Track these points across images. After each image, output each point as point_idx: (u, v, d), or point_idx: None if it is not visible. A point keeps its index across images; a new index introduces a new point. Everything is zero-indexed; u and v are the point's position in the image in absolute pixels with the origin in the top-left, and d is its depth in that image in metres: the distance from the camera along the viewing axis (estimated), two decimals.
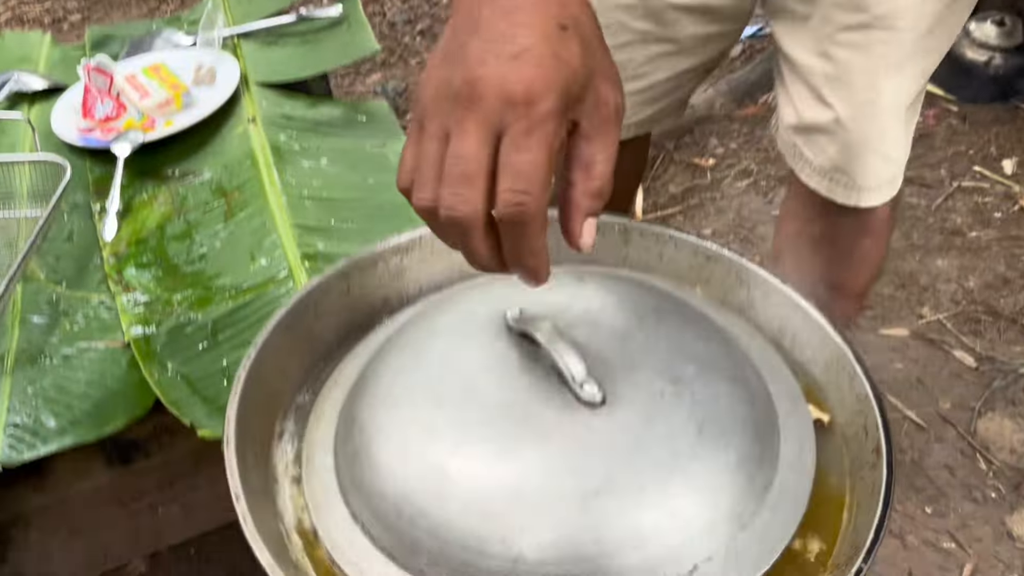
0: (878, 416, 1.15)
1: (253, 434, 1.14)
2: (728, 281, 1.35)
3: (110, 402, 2.13)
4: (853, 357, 1.21)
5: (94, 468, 2.71)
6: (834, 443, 1.21)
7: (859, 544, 1.03)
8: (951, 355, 3.12)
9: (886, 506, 1.05)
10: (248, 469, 1.09)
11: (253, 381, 1.16)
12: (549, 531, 0.99)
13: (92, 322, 2.23)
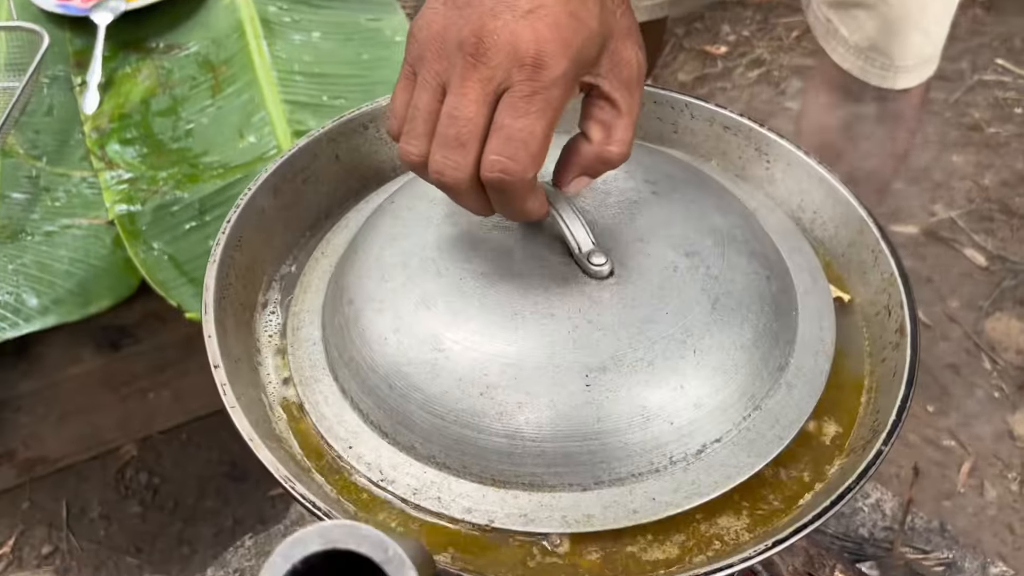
0: (903, 295, 1.07)
1: (234, 303, 1.06)
2: (747, 153, 1.26)
3: (95, 281, 2.07)
4: (879, 234, 1.13)
5: (83, 353, 2.68)
6: (853, 323, 1.14)
7: (878, 427, 0.97)
8: (961, 254, 3.04)
9: (909, 388, 0.99)
10: (228, 339, 1.02)
11: (234, 247, 1.08)
12: (549, 408, 0.93)
13: (74, 199, 2.15)
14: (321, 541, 0.66)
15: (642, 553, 0.92)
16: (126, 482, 2.50)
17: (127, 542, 2.40)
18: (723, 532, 0.94)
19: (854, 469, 0.92)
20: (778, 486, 0.98)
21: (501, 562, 0.91)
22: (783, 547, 0.86)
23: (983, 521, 2.38)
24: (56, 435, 2.54)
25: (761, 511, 0.95)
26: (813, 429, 1.02)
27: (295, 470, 0.93)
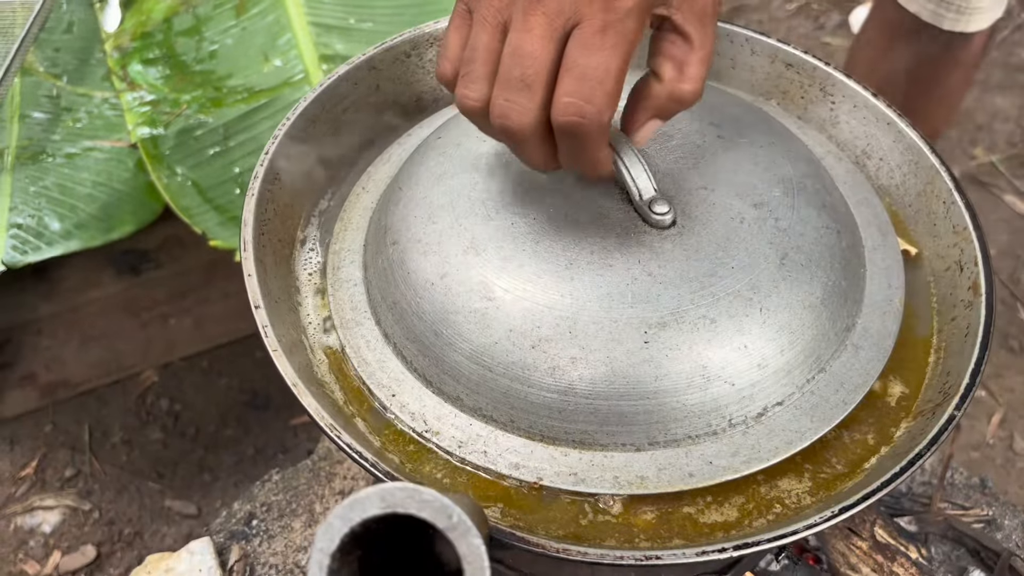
0: (978, 250, 1.02)
1: (272, 240, 1.01)
2: (810, 93, 1.19)
3: (117, 206, 2.02)
4: (952, 183, 1.07)
5: (103, 277, 2.65)
6: (920, 278, 1.08)
7: (949, 390, 0.93)
8: (1001, 200, 2.96)
9: (984, 350, 0.94)
10: (267, 277, 0.97)
11: (272, 181, 1.02)
12: (604, 364, 0.88)
13: (96, 120, 2.09)
14: (381, 504, 0.63)
15: (699, 515, 0.89)
16: (147, 408, 2.49)
17: (149, 467, 2.40)
18: (784, 495, 0.90)
19: (923, 434, 0.87)
20: (841, 449, 0.94)
21: (552, 520, 0.88)
22: (850, 514, 0.82)
23: (1011, 473, 2.35)
24: (77, 359, 2.52)
25: (824, 475, 0.91)
26: (878, 389, 0.98)
27: (339, 418, 0.89)
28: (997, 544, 1.54)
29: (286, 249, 1.06)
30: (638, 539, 0.87)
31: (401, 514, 0.62)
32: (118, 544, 2.25)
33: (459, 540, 0.62)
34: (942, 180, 1.08)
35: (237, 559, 1.58)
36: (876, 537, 1.44)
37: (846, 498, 0.83)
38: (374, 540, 0.68)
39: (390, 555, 0.73)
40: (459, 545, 0.62)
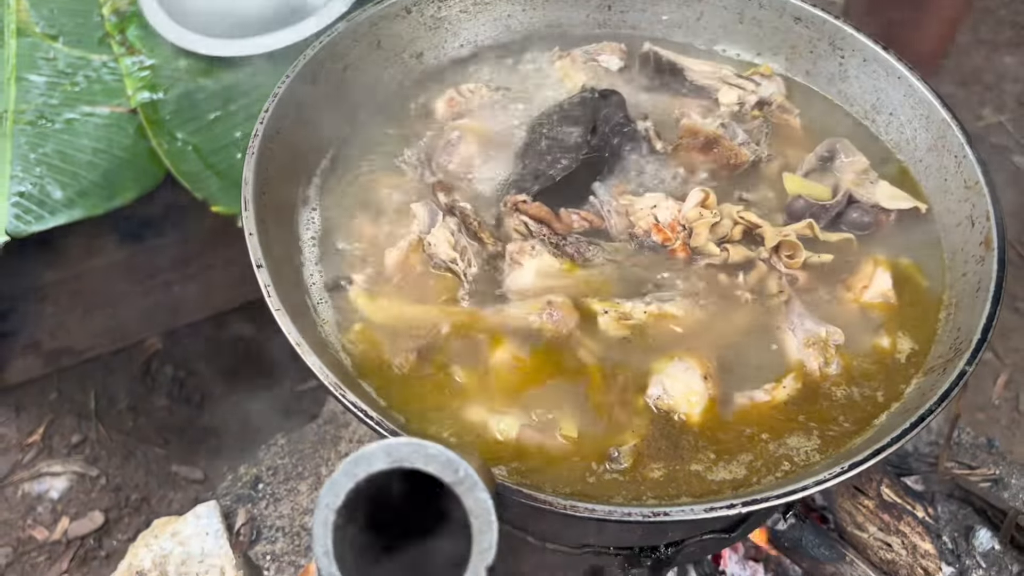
0: (989, 204, 1.00)
1: (273, 199, 1.00)
2: (819, 48, 1.17)
3: (119, 172, 2.00)
4: (963, 137, 1.05)
5: (106, 245, 2.63)
6: (931, 233, 1.07)
7: (960, 346, 0.92)
8: (1009, 160, 2.92)
9: (996, 305, 0.92)
10: (269, 237, 0.96)
11: (272, 139, 1.01)
12: None
13: (95, 84, 2.06)
14: (387, 459, 0.62)
15: (707, 472, 0.88)
16: (152, 375, 2.48)
17: (155, 433, 2.39)
18: (792, 453, 0.89)
19: (934, 390, 0.86)
20: (850, 406, 0.93)
21: (560, 478, 0.87)
22: (860, 470, 0.81)
23: (1017, 433, 2.35)
24: (81, 326, 2.51)
25: (832, 432, 0.91)
26: (887, 346, 0.97)
27: (344, 377, 0.88)
28: (1004, 503, 1.54)
29: (287, 209, 1.05)
30: (645, 496, 0.86)
31: (407, 469, 0.61)
32: (125, 509, 2.26)
33: (466, 494, 0.61)
34: (954, 134, 1.07)
35: (243, 522, 1.58)
36: (883, 496, 1.44)
37: (855, 454, 0.83)
38: (380, 497, 0.67)
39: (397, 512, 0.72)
40: (466, 499, 0.61)
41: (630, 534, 1.03)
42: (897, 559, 1.40)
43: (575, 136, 1.10)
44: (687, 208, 1.05)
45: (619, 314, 0.98)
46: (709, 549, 1.12)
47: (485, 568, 0.61)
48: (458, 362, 0.96)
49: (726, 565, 1.44)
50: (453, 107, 1.18)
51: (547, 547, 1.06)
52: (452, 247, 1.02)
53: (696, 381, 0.92)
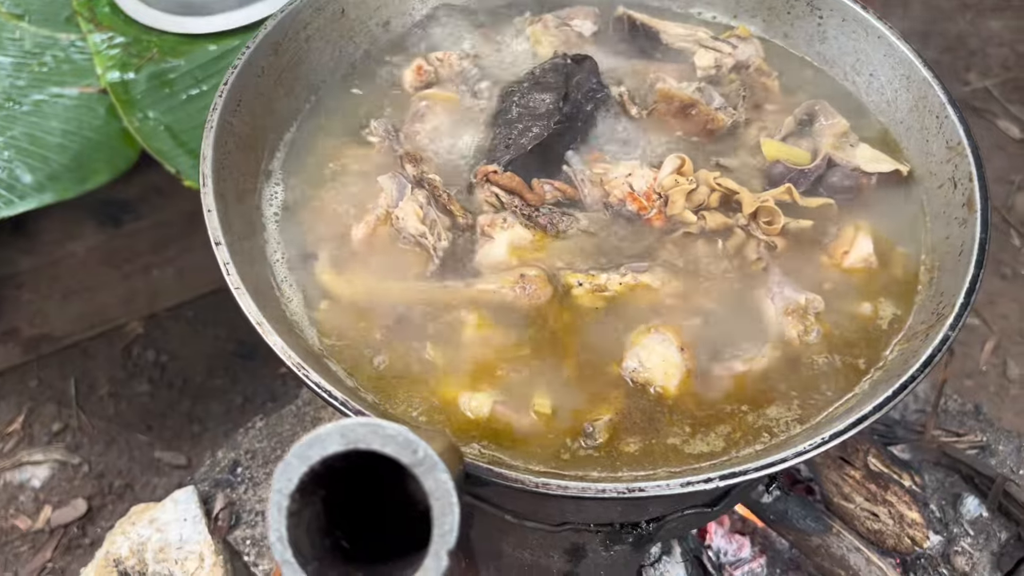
0: (972, 165, 0.98)
1: (234, 173, 0.97)
2: (797, 8, 1.14)
3: (90, 155, 1.95)
4: (945, 97, 1.02)
5: (83, 229, 2.60)
6: (912, 197, 1.04)
7: (943, 311, 0.89)
8: (995, 125, 2.90)
9: (979, 268, 0.90)
10: (230, 213, 0.93)
11: (232, 112, 0.98)
12: None
13: (63, 64, 2.01)
14: (342, 441, 0.59)
15: (684, 445, 0.86)
16: (133, 360, 2.45)
17: (137, 419, 2.37)
18: (772, 424, 0.87)
19: (917, 356, 0.84)
20: (831, 375, 0.90)
21: (533, 455, 0.85)
22: (841, 440, 0.79)
23: (1005, 399, 2.34)
24: (60, 313, 2.48)
25: (813, 401, 0.88)
26: (869, 312, 0.94)
27: (308, 356, 0.85)
28: (991, 470, 1.52)
29: (250, 184, 1.02)
30: (621, 471, 0.84)
31: (363, 450, 0.59)
32: (109, 497, 2.24)
33: (425, 476, 0.58)
34: (935, 94, 1.04)
35: (222, 507, 1.56)
36: (869, 466, 1.42)
37: (837, 424, 0.80)
38: (339, 481, 0.65)
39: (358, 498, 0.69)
40: (425, 481, 0.58)
41: (610, 511, 1.01)
42: (884, 529, 1.39)
43: (547, 103, 1.06)
44: (663, 176, 1.02)
45: (593, 286, 0.96)
46: (691, 524, 1.10)
47: (447, 551, 0.58)
48: (428, 339, 0.93)
49: (712, 540, 1.42)
50: (421, 76, 1.14)
51: (526, 525, 1.04)
52: (421, 220, 0.99)
53: (672, 353, 0.90)
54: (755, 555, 1.42)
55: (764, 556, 1.43)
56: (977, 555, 1.46)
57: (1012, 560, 1.46)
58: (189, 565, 1.46)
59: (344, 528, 0.65)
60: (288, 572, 0.58)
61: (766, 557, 1.43)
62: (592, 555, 1.11)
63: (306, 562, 0.59)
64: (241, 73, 1.01)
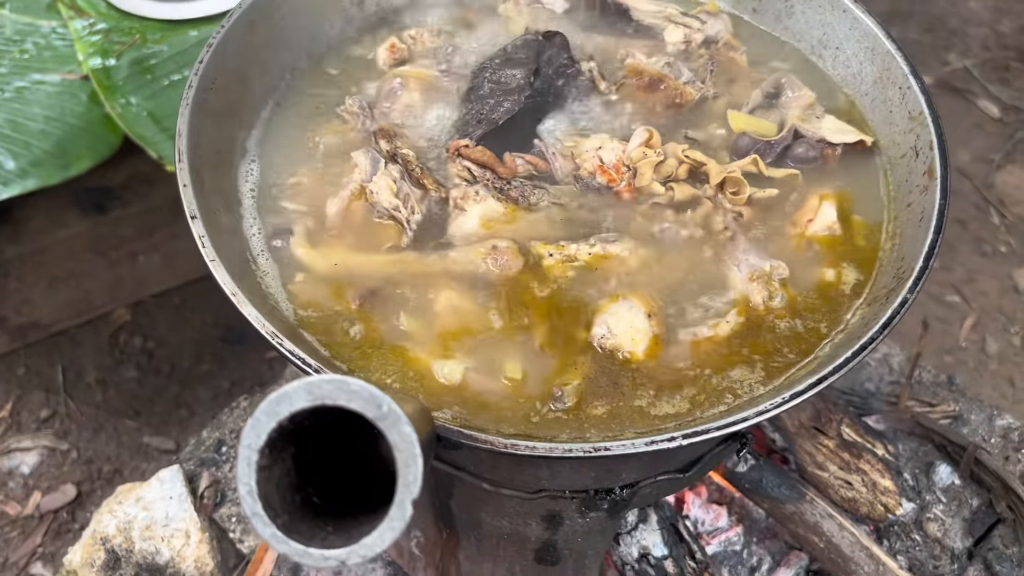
0: (933, 134, 1.00)
1: (210, 151, 0.98)
2: None
3: (73, 141, 1.96)
4: (908, 68, 1.04)
5: (69, 217, 2.60)
6: (875, 167, 1.06)
7: (903, 274, 0.91)
8: (975, 104, 2.93)
9: (938, 233, 0.92)
10: (206, 189, 0.95)
11: (208, 89, 0.99)
12: None
13: (44, 51, 2.02)
14: (308, 397, 0.61)
15: (650, 408, 0.88)
16: (121, 347, 2.46)
17: (125, 406, 2.38)
18: (736, 386, 0.89)
19: (877, 319, 0.86)
20: (794, 339, 0.93)
21: (504, 420, 0.87)
22: (802, 400, 0.81)
23: (984, 375, 2.37)
24: (47, 301, 2.49)
25: (776, 364, 0.90)
26: (832, 278, 0.96)
27: (283, 327, 0.87)
28: (963, 438, 1.55)
29: (226, 161, 1.03)
30: (589, 433, 0.86)
31: (330, 406, 0.61)
32: (98, 482, 2.25)
33: (390, 429, 0.60)
34: (898, 66, 1.06)
35: (207, 485, 1.58)
36: (843, 435, 1.44)
37: (797, 385, 0.82)
38: (309, 439, 0.67)
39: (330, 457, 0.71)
40: (390, 434, 0.60)
41: (583, 477, 1.03)
42: (858, 497, 1.42)
43: (518, 79, 1.08)
44: (631, 148, 1.04)
45: (564, 256, 0.98)
46: (665, 490, 1.12)
47: (411, 501, 0.60)
48: (402, 309, 0.95)
49: (689, 510, 1.45)
50: (395, 54, 1.16)
51: (503, 493, 1.06)
52: (394, 194, 1.00)
53: (640, 319, 0.92)
54: (732, 524, 1.45)
55: (741, 525, 1.46)
56: (949, 521, 1.49)
57: (983, 526, 1.50)
58: (175, 542, 1.48)
59: (315, 485, 0.67)
60: (258, 525, 0.60)
61: (743, 526, 1.46)
62: (569, 522, 1.13)
63: (276, 515, 0.61)
64: (216, 51, 1.02)
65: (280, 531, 0.60)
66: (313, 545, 0.61)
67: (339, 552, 0.60)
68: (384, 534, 0.60)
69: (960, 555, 1.47)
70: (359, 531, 0.61)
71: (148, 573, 1.47)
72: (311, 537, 0.62)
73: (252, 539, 1.51)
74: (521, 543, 1.19)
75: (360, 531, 0.61)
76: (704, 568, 1.34)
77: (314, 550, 0.60)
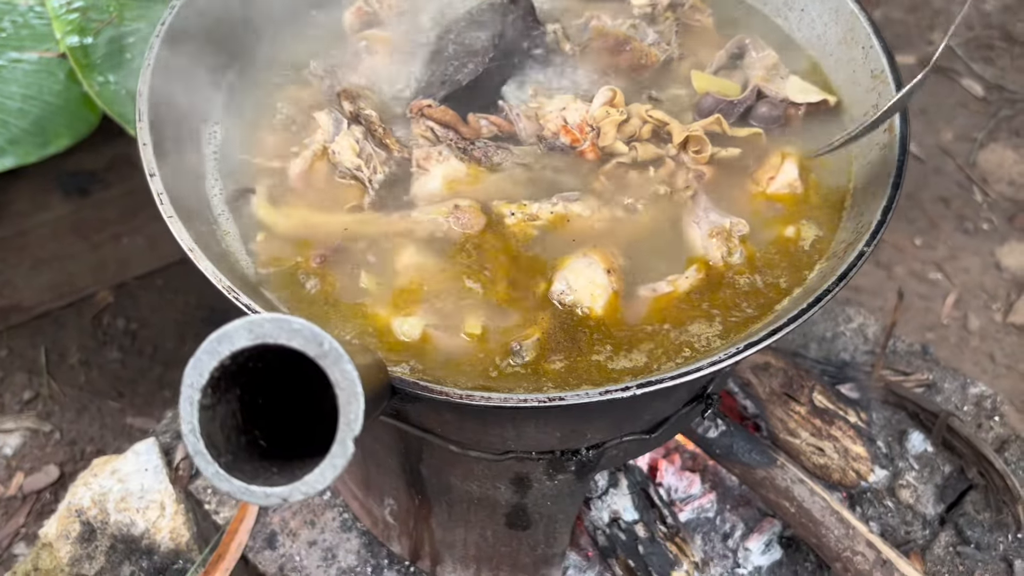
0: (894, 91, 1.00)
1: (172, 113, 0.98)
2: None
3: (51, 119, 1.96)
4: (870, 28, 1.05)
5: (51, 200, 2.60)
6: (839, 126, 1.06)
7: (862, 229, 0.92)
8: (958, 83, 2.93)
9: (897, 187, 0.92)
10: (167, 148, 0.95)
11: (171, 51, 0.99)
12: None
13: (22, 30, 2.01)
14: (249, 336, 0.61)
15: (608, 362, 0.88)
16: (104, 328, 2.46)
17: (108, 387, 2.38)
18: (693, 340, 0.89)
19: (834, 272, 0.86)
20: (753, 294, 0.93)
21: (461, 372, 0.87)
22: (756, 350, 0.81)
23: (965, 351, 2.37)
24: (29, 283, 2.49)
25: (735, 318, 0.91)
26: (792, 235, 0.97)
27: (242, 284, 0.87)
28: (936, 406, 1.56)
29: (189, 123, 1.03)
30: (547, 387, 0.86)
31: (271, 344, 0.61)
32: (81, 463, 2.25)
33: (331, 368, 0.60)
34: (861, 26, 1.06)
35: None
36: (815, 402, 1.45)
37: (754, 335, 0.83)
38: (256, 382, 0.67)
39: (282, 403, 0.72)
40: (332, 373, 0.61)
41: (549, 437, 1.03)
42: (830, 463, 1.42)
43: (482, 41, 1.08)
44: (595, 108, 1.04)
45: (525, 215, 0.98)
46: (631, 452, 1.13)
47: (352, 439, 0.61)
48: (363, 267, 0.95)
49: (663, 477, 1.45)
50: (361, 17, 1.16)
51: (470, 455, 1.06)
52: (357, 155, 1.00)
53: (599, 275, 0.92)
54: (705, 492, 1.46)
55: (714, 493, 1.46)
56: (922, 488, 1.50)
57: (955, 492, 1.50)
58: (150, 514, 1.48)
59: (263, 428, 0.68)
60: (201, 463, 0.61)
61: (716, 494, 1.46)
62: (537, 485, 1.13)
63: (219, 455, 0.61)
64: (180, 13, 1.02)
65: (222, 469, 0.60)
66: (256, 484, 0.61)
67: (281, 489, 0.60)
68: (325, 471, 0.60)
69: (932, 521, 1.48)
70: (303, 470, 0.61)
71: (123, 544, 1.47)
72: (255, 476, 0.62)
73: (227, 510, 1.52)
74: (491, 507, 1.20)
75: (304, 470, 0.61)
76: (675, 533, 1.35)
77: (256, 488, 0.60)
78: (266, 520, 1.50)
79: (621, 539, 1.33)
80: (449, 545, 1.31)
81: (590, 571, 1.39)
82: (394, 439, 1.14)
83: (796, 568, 1.43)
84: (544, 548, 1.28)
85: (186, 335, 2.56)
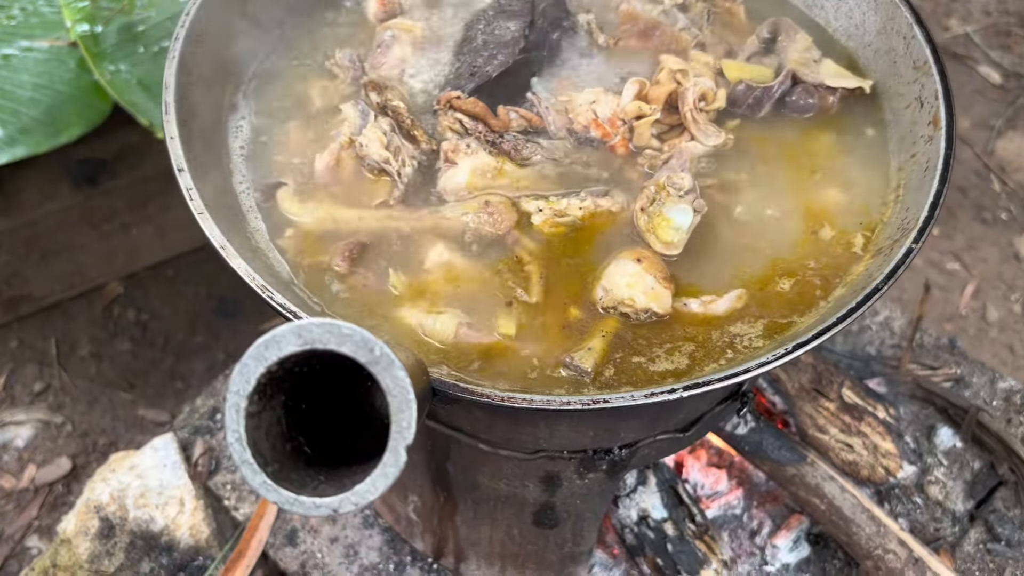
0: (938, 83, 0.97)
1: (199, 105, 0.96)
2: None
3: (62, 108, 1.94)
4: (912, 17, 1.02)
5: (60, 189, 2.58)
6: (879, 117, 1.04)
7: (907, 225, 0.89)
8: (975, 71, 2.89)
9: (943, 182, 0.90)
10: (194, 143, 0.92)
11: (195, 42, 0.96)
12: None
13: (32, 18, 1.99)
14: (298, 341, 0.59)
15: (649, 364, 0.86)
16: (114, 319, 2.45)
17: (119, 378, 2.36)
18: (736, 341, 0.87)
19: (881, 270, 0.84)
20: (797, 293, 0.90)
21: (500, 375, 0.85)
22: (804, 351, 0.79)
23: (984, 342, 2.35)
24: (39, 273, 2.47)
25: (779, 320, 0.88)
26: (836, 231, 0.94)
27: (275, 281, 0.84)
28: (965, 401, 1.54)
29: (214, 116, 1.01)
30: (587, 389, 0.84)
31: (320, 350, 0.59)
32: (93, 455, 2.24)
33: (382, 373, 0.58)
34: (902, 15, 1.03)
35: (202, 452, 1.56)
36: (844, 398, 1.43)
37: (802, 335, 0.81)
38: (301, 388, 0.65)
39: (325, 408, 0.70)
40: (383, 379, 0.58)
41: (582, 436, 1.01)
42: (858, 460, 1.40)
43: (512, 31, 1.06)
44: (625, 101, 1.01)
45: (554, 211, 0.95)
46: (664, 451, 1.11)
47: (404, 447, 0.59)
48: (393, 265, 0.93)
49: (689, 473, 1.43)
50: (386, 7, 1.13)
51: (500, 454, 1.05)
52: (385, 147, 0.98)
53: (638, 276, 0.90)
54: (732, 488, 1.44)
55: (741, 489, 1.45)
56: (951, 484, 1.48)
57: (985, 488, 1.48)
58: (169, 510, 1.46)
59: (307, 435, 0.66)
60: (247, 473, 0.59)
61: (743, 490, 1.45)
62: (567, 483, 1.12)
63: (266, 464, 0.59)
64: (202, 5, 1.00)
65: (270, 479, 0.58)
66: (304, 493, 0.59)
67: (331, 500, 0.58)
68: (377, 481, 0.58)
69: (961, 517, 1.46)
70: (352, 480, 0.59)
71: (143, 541, 1.45)
72: (302, 486, 0.60)
73: (247, 506, 1.50)
74: (519, 506, 1.18)
75: (353, 480, 0.59)
76: (704, 531, 1.33)
77: (305, 498, 0.58)
78: (287, 517, 1.48)
79: (650, 537, 1.32)
80: (474, 543, 1.30)
81: (616, 569, 1.37)
82: (420, 436, 1.11)
83: (824, 565, 1.41)
84: (571, 546, 1.26)
85: (197, 326, 2.54)
